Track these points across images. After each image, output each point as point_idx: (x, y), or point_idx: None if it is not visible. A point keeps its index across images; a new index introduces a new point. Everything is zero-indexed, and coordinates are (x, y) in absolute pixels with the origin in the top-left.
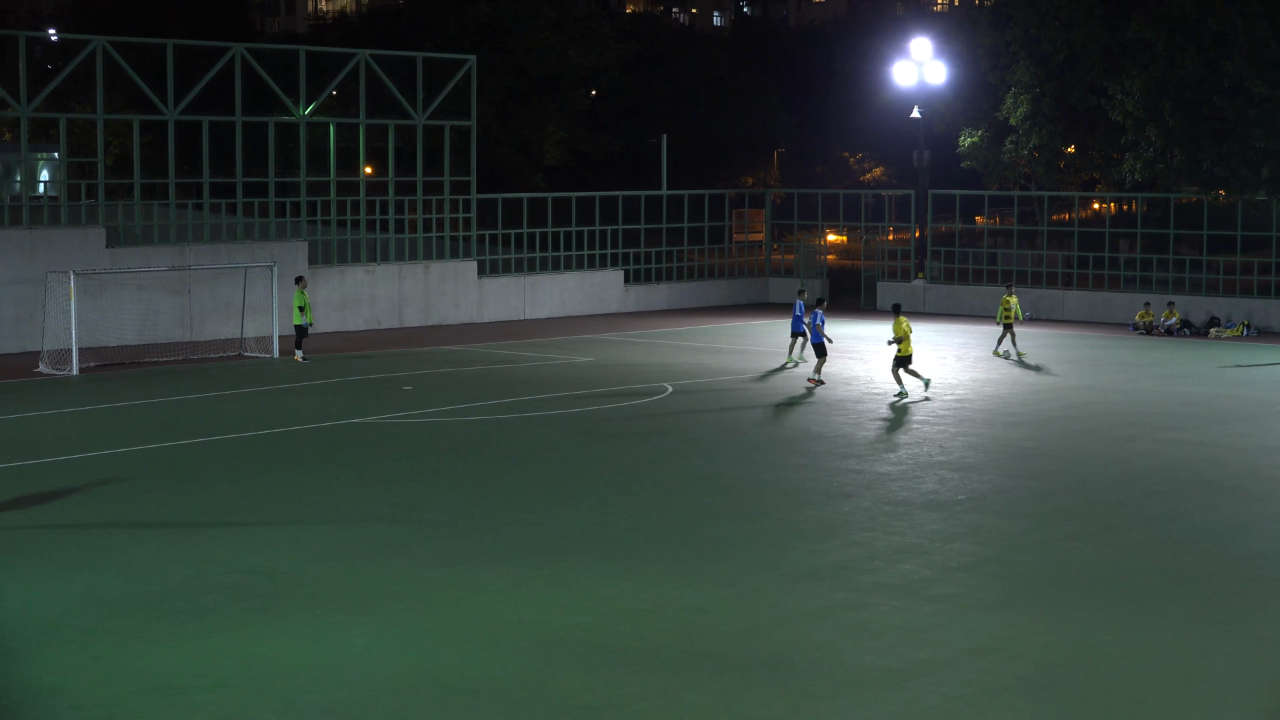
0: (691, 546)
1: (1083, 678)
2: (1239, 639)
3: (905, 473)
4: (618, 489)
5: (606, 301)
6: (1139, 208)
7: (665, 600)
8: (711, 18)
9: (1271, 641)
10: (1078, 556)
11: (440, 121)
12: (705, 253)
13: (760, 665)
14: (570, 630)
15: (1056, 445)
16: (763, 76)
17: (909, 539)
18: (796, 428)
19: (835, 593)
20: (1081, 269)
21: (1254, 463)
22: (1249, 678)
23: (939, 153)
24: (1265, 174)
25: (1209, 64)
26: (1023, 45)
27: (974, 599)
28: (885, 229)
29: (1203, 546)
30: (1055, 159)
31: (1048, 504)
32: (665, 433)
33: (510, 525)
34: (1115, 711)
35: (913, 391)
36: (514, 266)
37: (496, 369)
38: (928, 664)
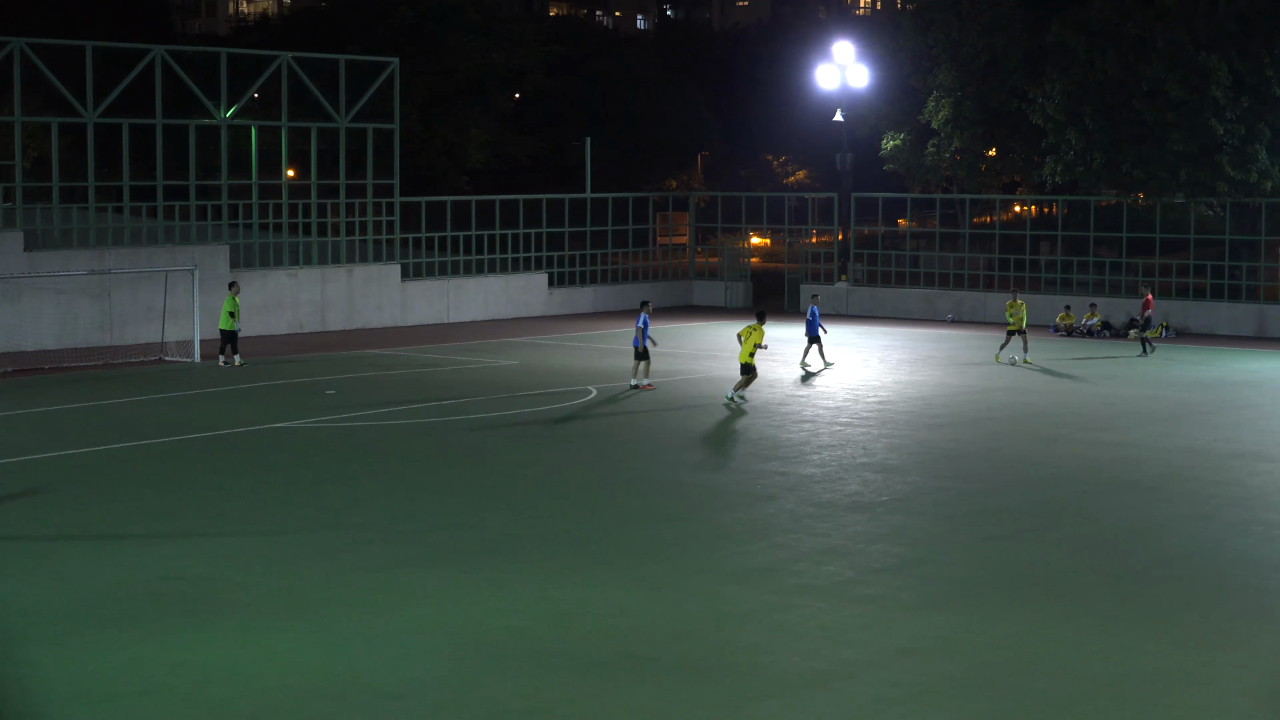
0: (620, 549)
1: (1010, 677)
2: (1163, 639)
3: (829, 474)
4: (546, 492)
5: (531, 304)
6: (1059, 210)
7: (595, 603)
8: (635, 20)
9: (1197, 641)
10: (1002, 557)
11: (363, 124)
12: (629, 255)
13: (689, 668)
14: (500, 634)
15: (979, 447)
16: (687, 79)
17: (833, 541)
18: (721, 430)
19: (761, 595)
20: (1003, 271)
21: (1174, 463)
22: (1176, 676)
23: (862, 156)
24: (1183, 177)
25: (1128, 68)
26: (944, 49)
27: (899, 600)
28: (808, 232)
29: (1126, 547)
30: (977, 162)
31: (971, 505)
32: (591, 435)
33: (439, 529)
34: (1043, 712)
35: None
36: (438, 270)
37: (421, 372)
38: (854, 665)
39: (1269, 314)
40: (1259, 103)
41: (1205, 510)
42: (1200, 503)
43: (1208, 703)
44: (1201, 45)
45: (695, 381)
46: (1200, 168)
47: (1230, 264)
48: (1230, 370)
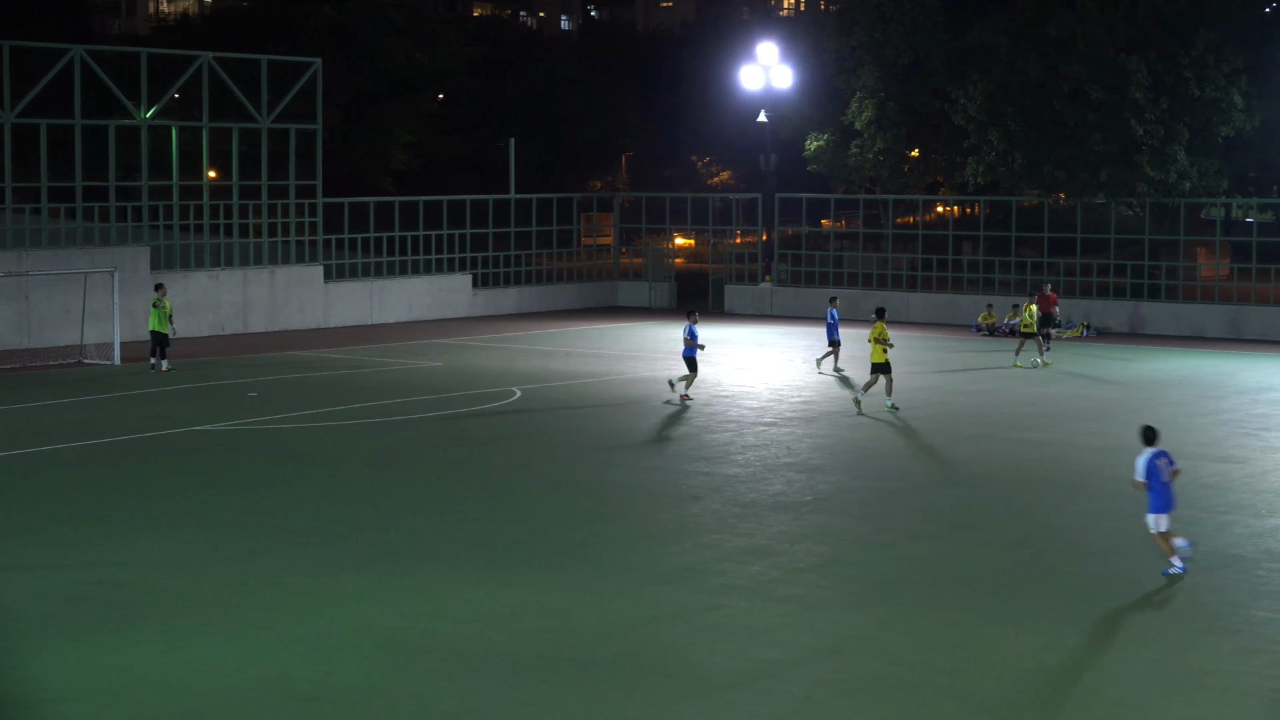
0: (546, 550)
1: (934, 675)
2: (1083, 635)
3: (753, 475)
4: (472, 494)
5: (455, 305)
6: (981, 210)
7: (521, 605)
8: (559, 21)
9: (1123, 636)
10: (925, 556)
11: (285, 125)
12: (553, 256)
13: (616, 668)
14: (428, 637)
15: (903, 446)
16: (611, 80)
17: (758, 540)
18: (646, 431)
19: (687, 595)
20: (926, 271)
21: (1096, 461)
22: (1096, 672)
23: (786, 156)
24: (1104, 177)
25: (1049, 69)
26: (868, 50)
27: (823, 599)
28: (732, 232)
29: (1047, 544)
30: (900, 162)
31: (895, 504)
32: (516, 437)
33: (365, 531)
34: (967, 709)
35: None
36: (361, 271)
37: (345, 374)
38: (779, 664)
39: (1189, 313)
40: (1178, 104)
41: (1126, 508)
42: (1121, 500)
43: (1127, 697)
44: (1121, 47)
45: (621, 383)
46: (1120, 168)
47: (1150, 264)
48: (1151, 369)
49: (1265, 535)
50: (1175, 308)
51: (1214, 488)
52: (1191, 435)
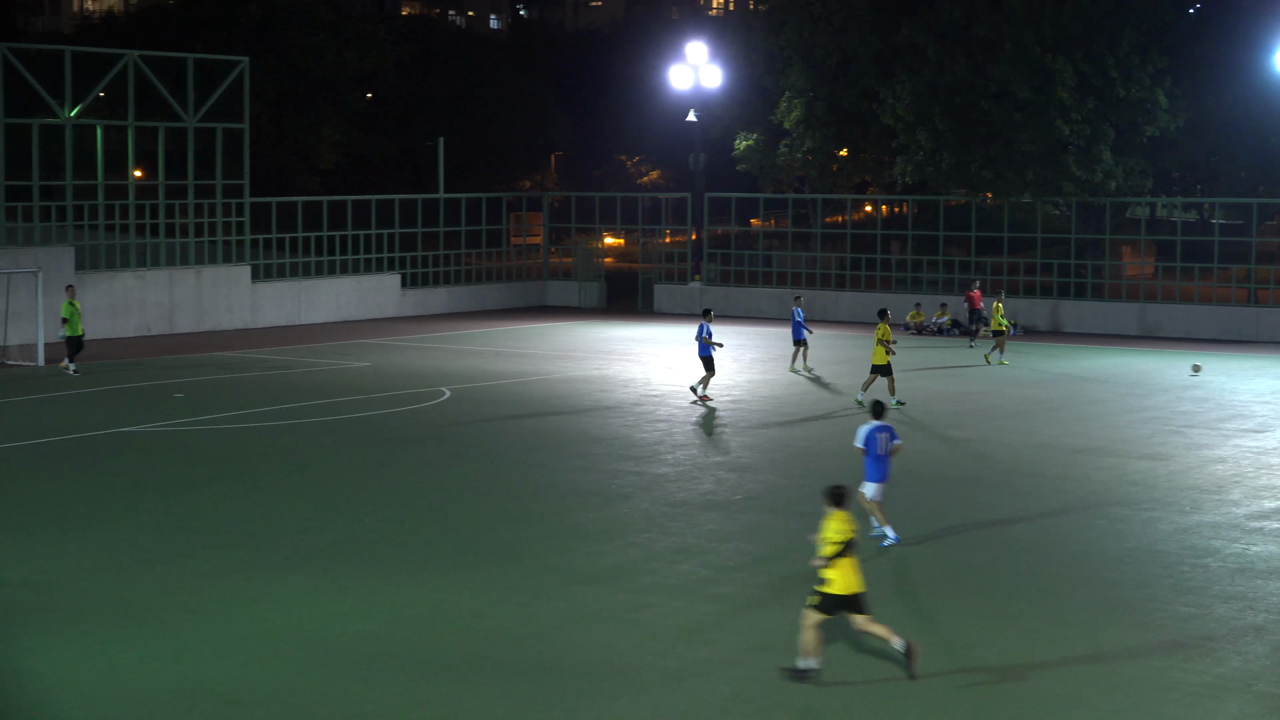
0: (473, 551)
1: (862, 672)
2: (1010, 631)
3: (683, 474)
4: (397, 494)
5: (384, 305)
6: (909, 210)
7: (446, 605)
8: (488, 20)
9: (1044, 633)
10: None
11: (212, 124)
12: (483, 256)
13: (542, 668)
14: (350, 638)
15: (831, 444)
16: (540, 80)
17: (687, 539)
18: (575, 430)
19: (615, 594)
20: (854, 270)
21: (1022, 458)
22: (1024, 668)
23: (715, 156)
24: (1030, 177)
25: (977, 69)
26: (797, 50)
27: (752, 598)
28: (662, 232)
29: (974, 541)
30: (828, 162)
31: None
32: (444, 437)
33: (288, 533)
34: (895, 705)
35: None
36: (289, 271)
37: (272, 375)
38: (708, 664)
39: (1114, 311)
40: (1103, 104)
41: (1052, 505)
42: (1047, 497)
43: (1054, 693)
44: (1047, 47)
45: (550, 382)
46: (1047, 168)
47: (1076, 263)
48: (1076, 367)
49: (1189, 532)
50: (1101, 306)
51: (1139, 484)
52: (1116, 432)
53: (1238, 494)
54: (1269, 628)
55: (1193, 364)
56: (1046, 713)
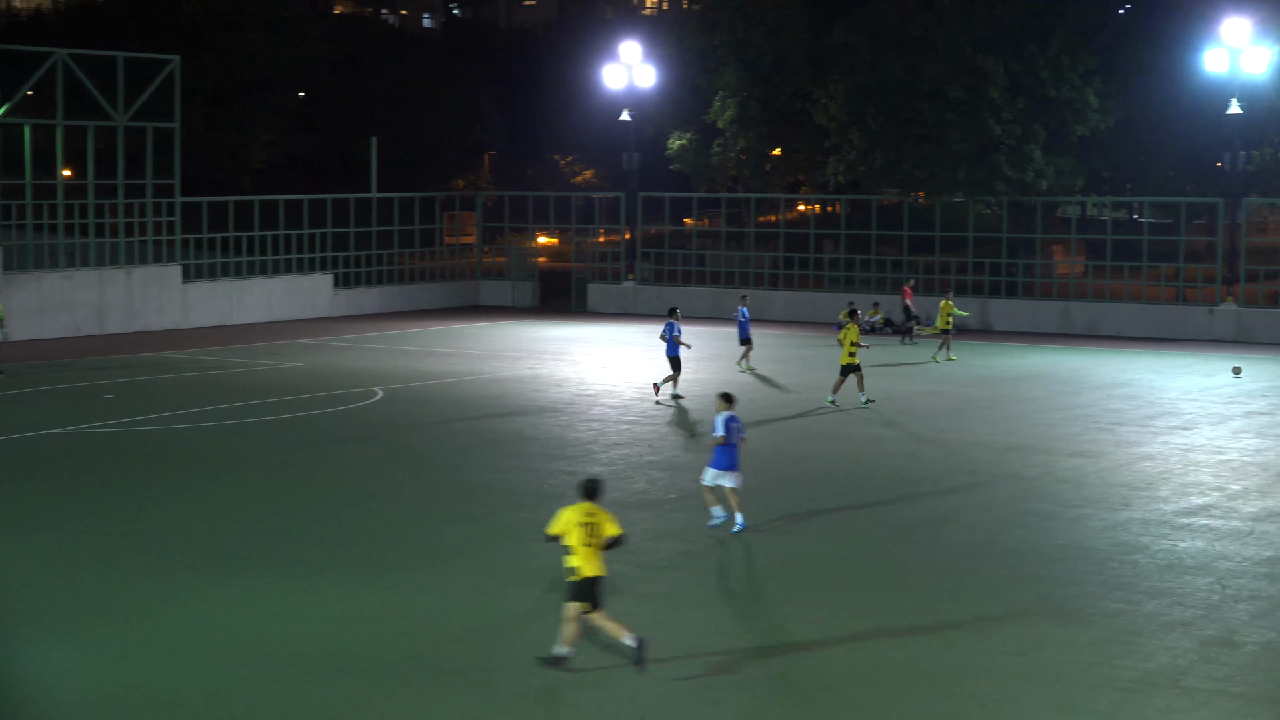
0: (405, 551)
1: (792, 670)
2: (941, 629)
3: (617, 473)
4: (332, 495)
5: (316, 305)
6: (843, 209)
7: (378, 606)
8: (421, 19)
9: (976, 630)
10: (787, 551)
11: (143, 123)
12: (416, 256)
13: (474, 668)
14: (282, 639)
15: (765, 444)
16: (474, 79)
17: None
18: (509, 430)
19: (547, 594)
20: (788, 269)
21: (954, 456)
22: (956, 666)
23: (648, 155)
24: (962, 176)
25: (909, 69)
26: (730, 50)
27: (686, 596)
28: (596, 231)
29: (908, 539)
30: (762, 161)
31: (757, 501)
32: (377, 437)
33: (224, 534)
34: (823, 702)
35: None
36: (220, 271)
37: (204, 375)
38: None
39: (1046, 310)
40: (1034, 103)
41: (984, 502)
42: (978, 495)
43: (986, 690)
44: (979, 47)
45: (484, 382)
46: (979, 167)
47: (1007, 261)
48: (1008, 365)
49: (1118, 528)
50: (1032, 305)
51: (1069, 482)
52: (1047, 430)
53: (1166, 491)
54: (1196, 623)
55: (1234, 366)
56: (979, 709)
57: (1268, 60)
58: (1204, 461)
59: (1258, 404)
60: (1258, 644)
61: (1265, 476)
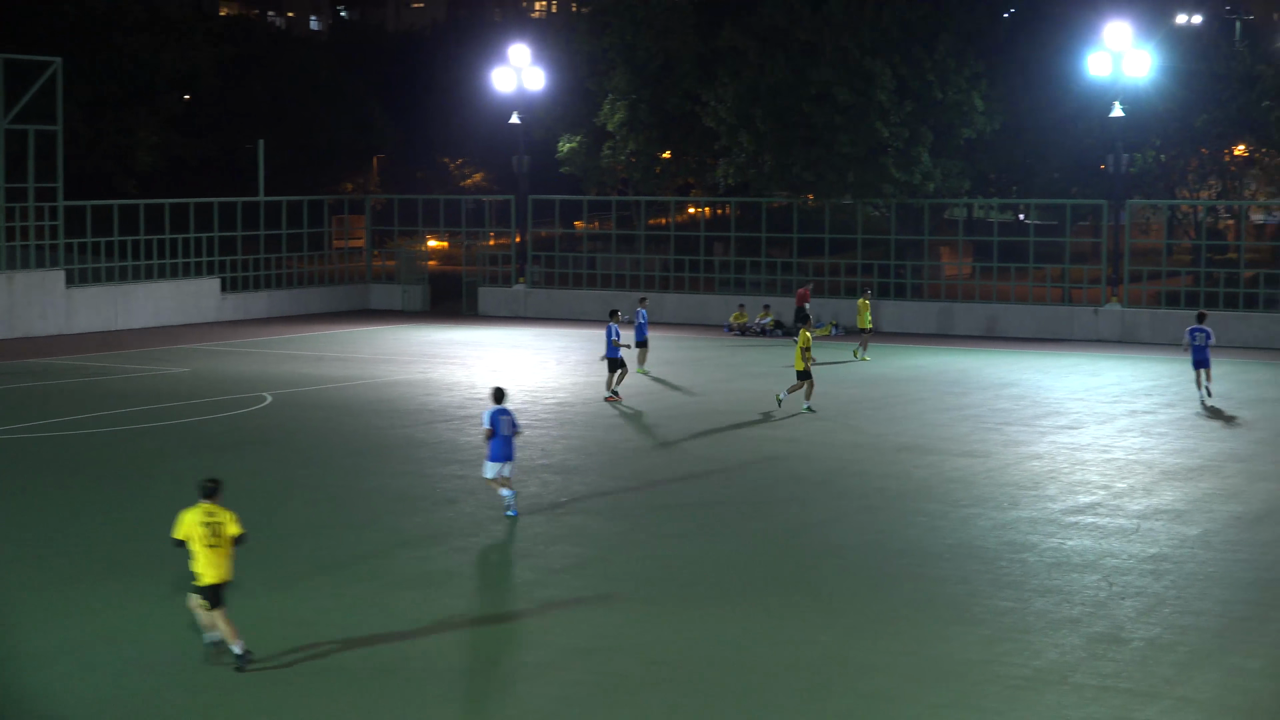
0: (297, 558)
1: (688, 673)
2: (834, 628)
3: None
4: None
5: (203, 310)
6: (732, 212)
7: (271, 614)
8: (308, 21)
9: (866, 629)
10: (679, 554)
11: (24, 126)
12: (304, 259)
13: (369, 674)
14: (171, 648)
15: (656, 446)
16: (362, 81)
17: (514, 543)
18: (400, 435)
19: (442, 599)
20: (678, 272)
21: (843, 457)
22: (847, 665)
23: (539, 158)
24: (851, 179)
25: (797, 72)
26: (619, 53)
27: (579, 599)
28: (486, 234)
29: (797, 540)
30: (652, 164)
31: (648, 504)
32: (267, 442)
33: (107, 542)
34: (720, 704)
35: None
36: (105, 276)
37: (89, 382)
38: (535, 666)
39: (934, 311)
40: (921, 107)
41: (873, 502)
42: (868, 495)
43: (878, 689)
44: (867, 51)
45: (375, 386)
46: (867, 170)
47: (895, 263)
48: (897, 366)
49: (1007, 527)
50: (920, 306)
51: (958, 482)
52: (936, 430)
53: (1054, 489)
54: (1084, 620)
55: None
56: (870, 707)
57: (1149, 64)
58: (1090, 460)
59: (1142, 403)
60: (1144, 640)
61: (1150, 474)
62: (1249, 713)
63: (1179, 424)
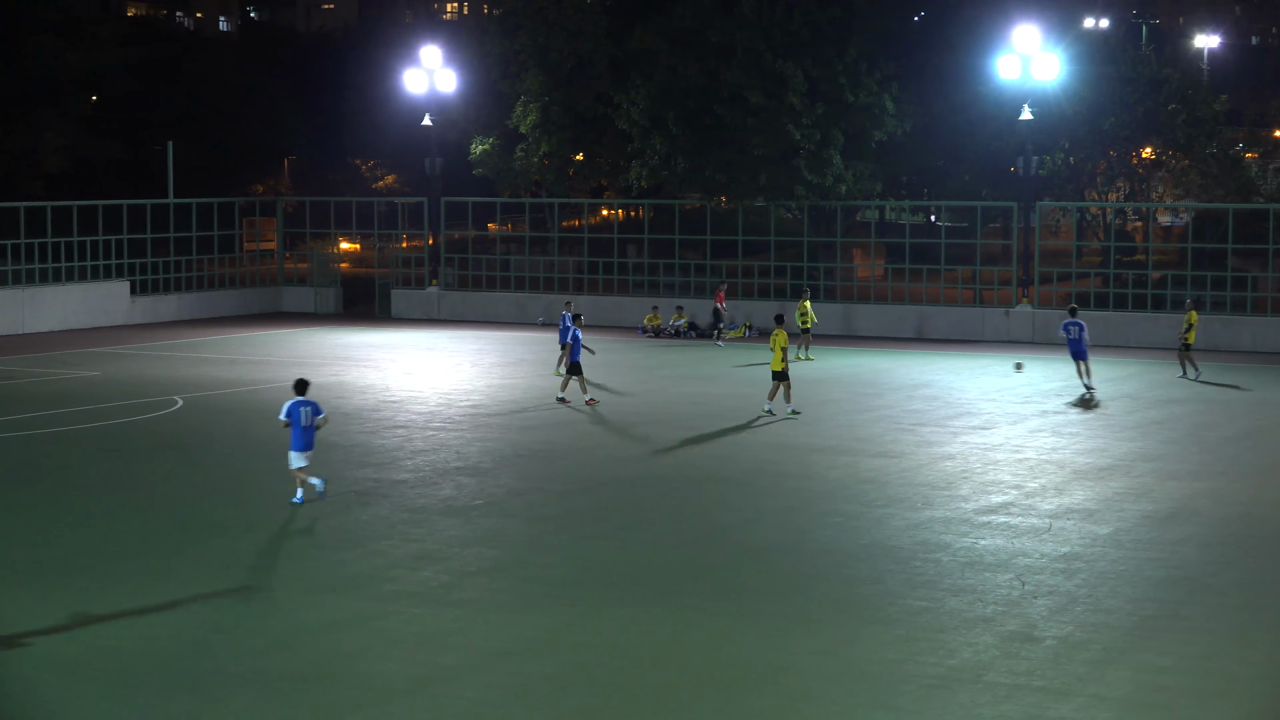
0: (211, 562)
1: (608, 674)
2: (753, 629)
3: (423, 479)
4: (132, 505)
5: (112, 313)
6: (646, 214)
7: (186, 618)
8: (218, 21)
9: (785, 630)
10: (597, 556)
11: None
12: (215, 262)
13: (283, 679)
14: (86, 655)
15: (572, 448)
16: (273, 83)
17: (428, 545)
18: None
19: (357, 602)
20: (592, 274)
21: (760, 459)
22: (766, 665)
23: (452, 160)
24: (763, 180)
25: (710, 74)
26: (531, 54)
27: (495, 602)
28: (399, 237)
29: (716, 541)
30: (565, 166)
31: (565, 505)
32: (178, 446)
33: (17, 547)
34: (639, 706)
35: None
36: (12, 279)
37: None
38: (452, 669)
39: (847, 312)
40: (833, 109)
41: (791, 503)
42: (786, 496)
43: (796, 689)
44: (778, 53)
45: (287, 390)
46: (779, 172)
47: (809, 265)
48: (812, 367)
49: (920, 527)
50: (833, 307)
51: (872, 482)
52: (851, 431)
53: (966, 489)
54: (997, 619)
55: (1015, 363)
56: (786, 707)
57: (1057, 67)
58: (1002, 460)
59: (1053, 403)
60: (1056, 638)
61: (1061, 474)
62: (1162, 710)
63: (1089, 424)
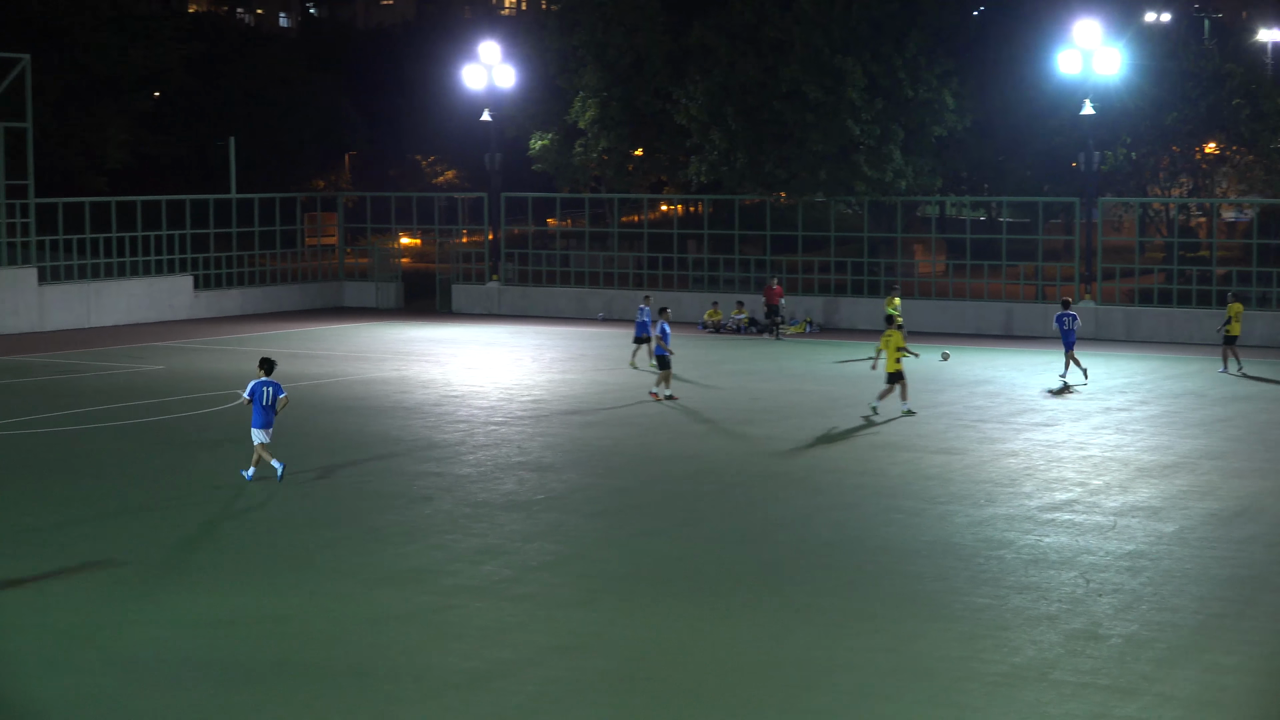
0: (273, 555)
1: (666, 670)
2: (811, 625)
3: (484, 474)
4: (195, 500)
5: (176, 308)
6: (705, 209)
7: (247, 611)
8: (278, 18)
9: (843, 627)
10: (656, 552)
11: None
12: (277, 257)
13: (346, 672)
14: (148, 646)
15: (632, 443)
16: (332, 79)
17: (490, 540)
18: (375, 432)
19: (419, 596)
20: (652, 269)
21: (819, 454)
22: (824, 663)
23: (511, 156)
24: (823, 176)
25: (768, 70)
26: (590, 50)
27: (556, 597)
28: (459, 232)
29: (774, 537)
30: (624, 162)
31: (625, 501)
32: (240, 440)
33: (82, 540)
34: (699, 702)
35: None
36: (77, 273)
37: (61, 379)
38: (512, 664)
39: (908, 308)
40: (892, 104)
41: (850, 499)
42: (845, 492)
43: (857, 686)
44: (837, 48)
45: (349, 384)
46: (839, 167)
47: (869, 260)
48: (870, 364)
49: (984, 524)
50: None
51: (935, 479)
52: (912, 427)
53: (1030, 486)
54: (1062, 617)
55: (942, 352)
56: (849, 704)
57: (1118, 62)
58: (1066, 457)
59: (1116, 400)
60: (1122, 636)
61: (1125, 472)
62: (1227, 709)
63: (1153, 421)
